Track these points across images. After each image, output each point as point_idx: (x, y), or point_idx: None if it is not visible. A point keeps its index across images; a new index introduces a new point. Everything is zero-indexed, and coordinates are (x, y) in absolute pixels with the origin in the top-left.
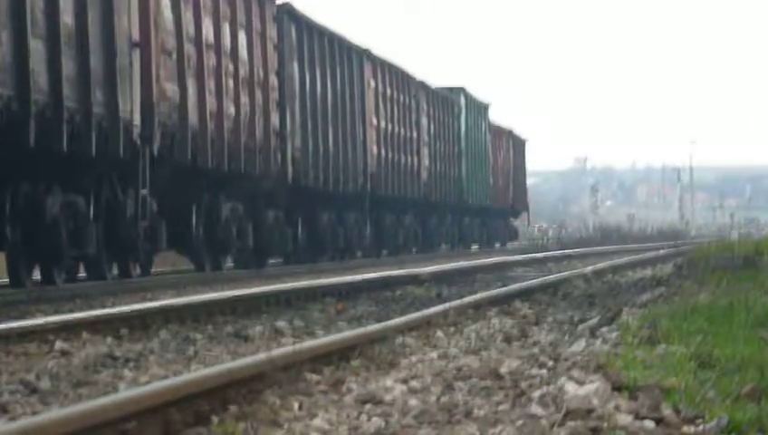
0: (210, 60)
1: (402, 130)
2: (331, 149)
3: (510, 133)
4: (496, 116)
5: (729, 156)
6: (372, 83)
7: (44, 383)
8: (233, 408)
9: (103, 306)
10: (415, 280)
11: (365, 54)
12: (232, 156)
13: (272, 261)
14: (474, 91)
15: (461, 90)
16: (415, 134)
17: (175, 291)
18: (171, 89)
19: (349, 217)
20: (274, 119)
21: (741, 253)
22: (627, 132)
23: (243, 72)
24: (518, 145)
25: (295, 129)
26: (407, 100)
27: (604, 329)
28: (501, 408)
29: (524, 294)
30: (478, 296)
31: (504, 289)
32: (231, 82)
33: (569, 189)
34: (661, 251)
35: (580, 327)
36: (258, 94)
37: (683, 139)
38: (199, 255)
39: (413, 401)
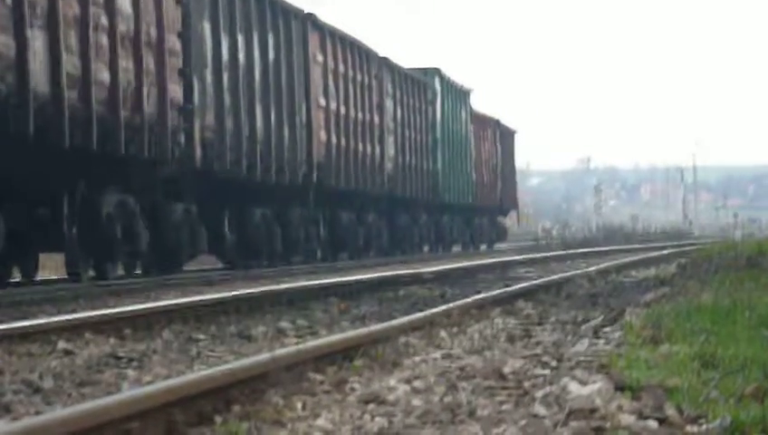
0: (71, 7)
1: (360, 114)
2: (259, 130)
3: (497, 123)
4: (503, 118)
5: (732, 156)
6: (320, 57)
7: (47, 383)
8: (236, 408)
9: (106, 306)
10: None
11: (309, 20)
12: (106, 134)
13: (188, 268)
14: (453, 74)
15: (436, 71)
16: (377, 119)
17: (178, 291)
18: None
19: (291, 214)
20: (174, 90)
21: (744, 253)
22: (630, 132)
23: (123, 28)
24: (506, 136)
25: (206, 104)
26: (366, 79)
27: (607, 329)
28: (504, 408)
29: (528, 294)
30: (481, 296)
31: (507, 289)
32: (105, 40)
33: (572, 189)
34: (664, 251)
35: (584, 327)
36: (148, 58)
37: (686, 139)
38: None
39: (416, 401)
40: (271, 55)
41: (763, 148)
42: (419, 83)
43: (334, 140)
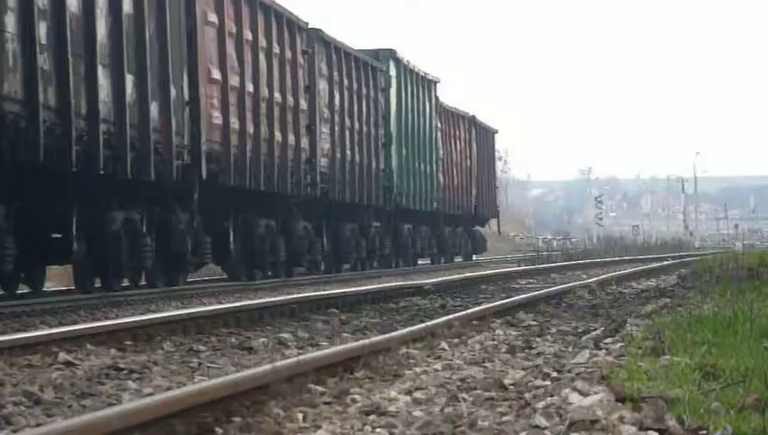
0: None
1: (279, 95)
2: (104, 104)
3: (472, 120)
4: (501, 134)
5: (733, 167)
6: (213, 17)
7: (48, 395)
8: (237, 419)
9: (107, 318)
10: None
11: None
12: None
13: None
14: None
15: (390, 53)
16: (303, 104)
17: (179, 302)
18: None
19: (170, 219)
20: None
21: (745, 264)
22: (631, 143)
23: None
24: (485, 136)
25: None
26: (289, 53)
27: (608, 340)
28: (505, 419)
29: (528, 305)
30: (482, 307)
31: (507, 300)
32: None
33: (573, 200)
34: (665, 262)
35: (585, 338)
36: None
37: (687, 149)
38: None
39: (417, 413)
40: (126, 7)
41: (763, 158)
42: (368, 66)
43: (236, 124)
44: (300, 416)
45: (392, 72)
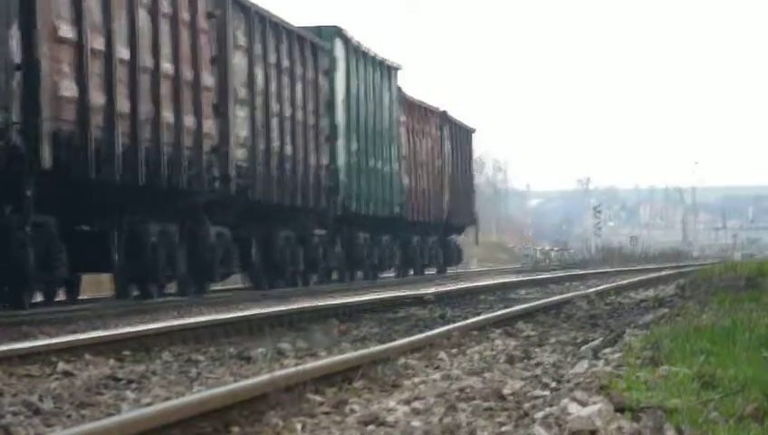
0: None
1: (168, 65)
2: None
3: (443, 116)
4: (502, 141)
5: (732, 177)
6: None
7: (47, 404)
8: (235, 429)
9: (106, 328)
10: None
11: None
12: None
13: None
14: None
15: (335, 30)
16: (207, 79)
17: (177, 313)
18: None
19: None
20: None
21: (743, 273)
22: (630, 153)
23: None
24: (460, 135)
25: None
26: (183, 13)
27: (607, 350)
28: (504, 429)
29: (527, 316)
30: (481, 318)
31: (507, 310)
32: None
33: (572, 210)
34: (663, 272)
35: (583, 348)
36: None
37: (686, 159)
38: None
39: (416, 423)
40: None
41: (762, 168)
42: (305, 43)
43: (99, 99)
44: (298, 426)
45: (339, 52)
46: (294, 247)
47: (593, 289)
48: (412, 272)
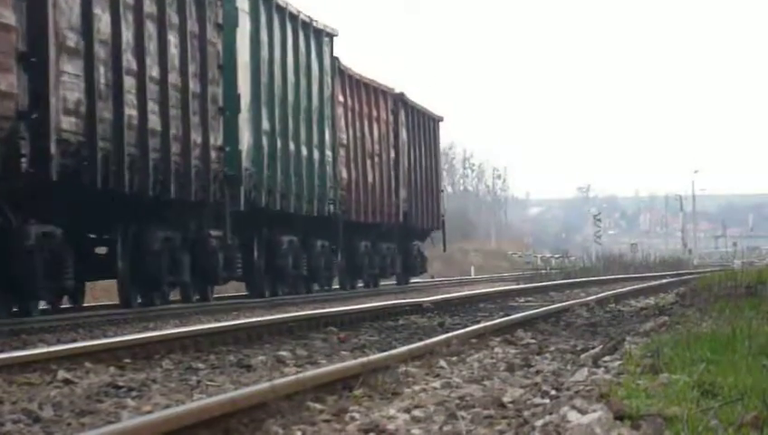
0: None
1: None
2: None
3: (399, 98)
4: (499, 147)
5: (732, 184)
6: None
7: (47, 412)
8: None
9: (106, 336)
10: None
11: None
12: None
13: None
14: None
15: None
16: (11, 18)
17: (178, 321)
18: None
19: None
20: None
21: (743, 282)
22: (630, 161)
23: None
24: (421, 122)
25: None
26: None
27: (607, 358)
28: None
29: (527, 324)
30: (481, 326)
31: (506, 318)
32: None
33: (572, 218)
34: (663, 280)
35: (583, 356)
36: None
37: (686, 168)
38: None
39: (416, 431)
40: None
41: (762, 177)
42: None
43: None
44: (298, 434)
45: (242, 2)
46: (177, 253)
47: (593, 297)
48: (361, 284)
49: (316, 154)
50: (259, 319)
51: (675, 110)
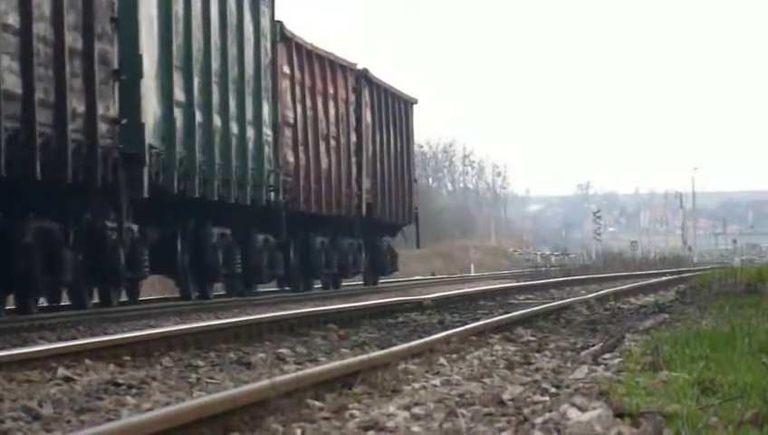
0: None
1: None
2: None
3: (362, 75)
4: (499, 150)
5: (732, 182)
6: None
7: (47, 410)
8: None
9: (106, 333)
10: None
11: None
12: None
13: None
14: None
15: None
16: None
17: (178, 318)
18: None
19: None
20: None
21: (743, 279)
22: (629, 158)
23: None
24: (390, 104)
25: None
26: None
27: (606, 356)
28: (503, 434)
29: (527, 321)
30: (481, 323)
31: (506, 316)
32: None
33: (571, 215)
34: (663, 278)
35: (583, 354)
36: None
37: (686, 165)
38: None
39: (416, 428)
40: None
41: (762, 174)
42: None
43: None
44: (298, 431)
45: None
46: (57, 248)
47: (593, 294)
48: (319, 285)
49: (251, 132)
50: (259, 316)
51: (674, 106)
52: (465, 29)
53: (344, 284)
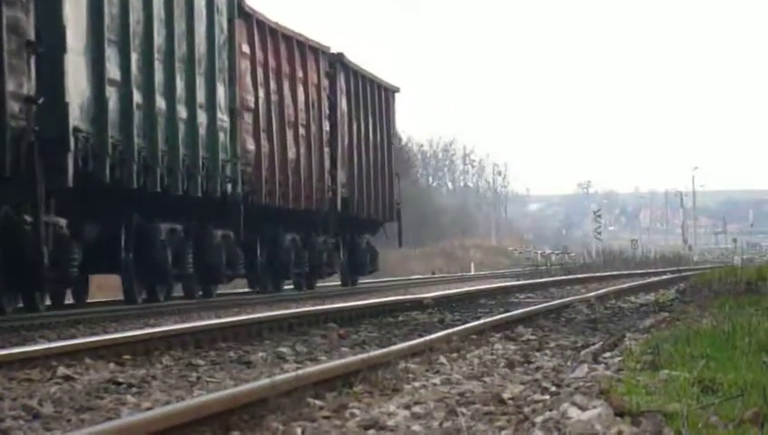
0: None
1: None
2: None
3: (337, 59)
4: (498, 150)
5: (732, 181)
6: None
7: (47, 409)
8: (236, 433)
9: (106, 332)
10: None
11: None
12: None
13: None
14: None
15: None
16: None
17: (178, 317)
18: None
19: None
20: None
21: (743, 278)
22: (630, 157)
23: None
24: (368, 91)
25: None
26: None
27: (607, 354)
28: (504, 433)
29: (527, 320)
30: (481, 322)
31: (506, 314)
32: None
33: (572, 214)
34: (664, 277)
35: (583, 352)
36: None
37: (686, 164)
38: None
39: (416, 427)
40: None
41: (762, 173)
42: None
43: None
44: (298, 430)
45: None
46: None
47: (593, 293)
48: (291, 286)
49: (202, 117)
50: (259, 315)
51: (675, 105)
52: (465, 28)
53: (320, 285)
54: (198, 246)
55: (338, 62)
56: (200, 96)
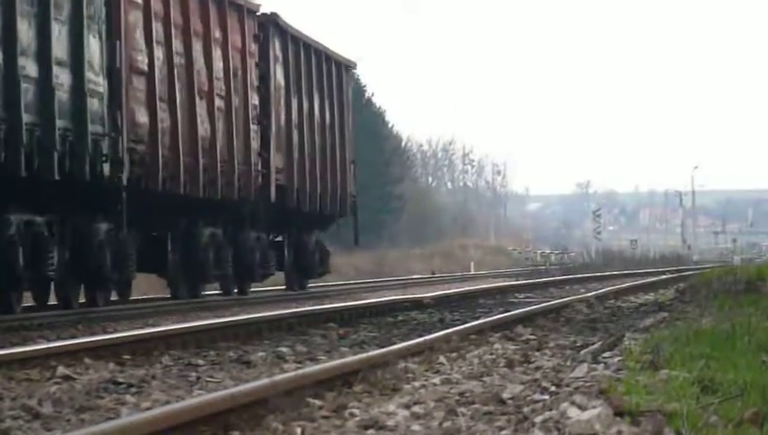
0: None
1: None
2: None
3: (272, 21)
4: (498, 149)
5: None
6: None
7: (47, 409)
8: (235, 433)
9: (105, 332)
10: None
11: None
12: None
13: None
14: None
15: None
16: None
17: (178, 316)
18: None
19: None
20: None
21: (743, 278)
22: (629, 157)
23: None
24: (313, 63)
25: None
26: None
27: (606, 354)
28: (503, 433)
29: (527, 320)
30: (480, 322)
31: (506, 314)
32: None
33: (571, 214)
34: (663, 276)
35: (583, 352)
36: None
37: (685, 163)
38: None
39: (416, 427)
40: None
41: (762, 172)
42: None
43: None
44: (298, 430)
45: None
46: None
47: (593, 293)
48: (219, 291)
49: (63, 77)
50: (259, 315)
51: (674, 105)
52: (465, 28)
53: (258, 289)
54: (66, 243)
55: (271, 25)
56: (59, 50)
